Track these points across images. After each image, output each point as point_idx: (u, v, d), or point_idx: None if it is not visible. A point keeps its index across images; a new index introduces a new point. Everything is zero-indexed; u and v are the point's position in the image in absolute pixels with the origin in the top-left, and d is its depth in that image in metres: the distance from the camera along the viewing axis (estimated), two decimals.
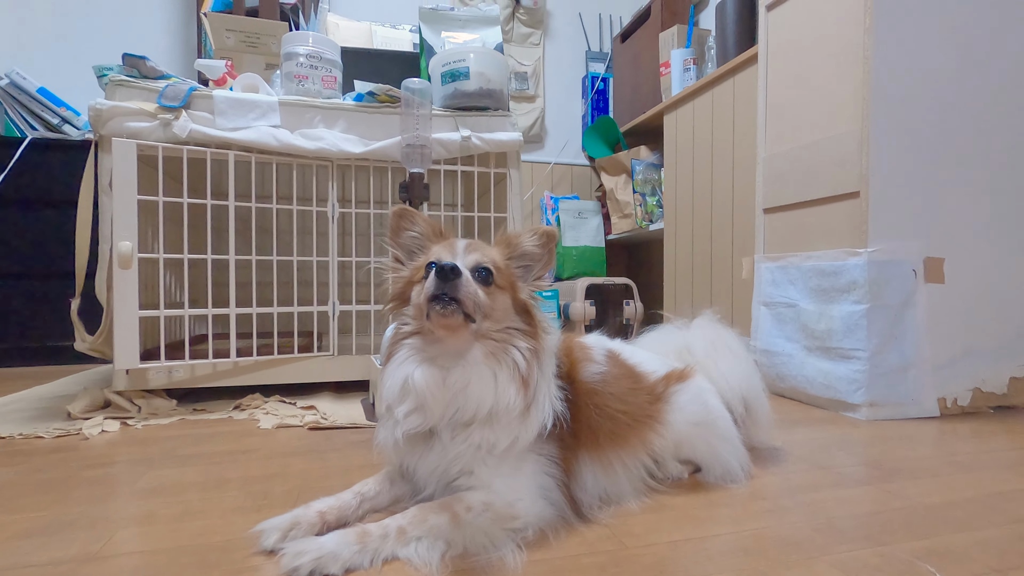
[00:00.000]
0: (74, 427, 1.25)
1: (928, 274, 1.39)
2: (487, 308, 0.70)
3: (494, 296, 0.72)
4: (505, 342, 0.72)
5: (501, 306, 0.72)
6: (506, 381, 0.70)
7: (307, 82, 1.60)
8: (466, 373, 0.69)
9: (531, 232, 0.78)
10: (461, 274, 0.67)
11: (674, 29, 2.62)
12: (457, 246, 0.75)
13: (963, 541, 0.71)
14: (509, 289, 0.74)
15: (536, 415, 0.71)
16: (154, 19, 2.81)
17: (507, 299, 0.73)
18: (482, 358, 0.70)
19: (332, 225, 1.60)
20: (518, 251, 0.77)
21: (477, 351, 0.70)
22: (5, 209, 2.19)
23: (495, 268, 0.73)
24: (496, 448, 0.69)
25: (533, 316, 0.75)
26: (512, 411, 0.69)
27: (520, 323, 0.74)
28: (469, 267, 0.71)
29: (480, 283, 0.70)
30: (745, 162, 2.00)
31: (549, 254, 0.78)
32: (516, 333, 0.73)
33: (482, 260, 0.72)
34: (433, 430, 0.71)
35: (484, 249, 0.75)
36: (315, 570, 0.60)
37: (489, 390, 0.69)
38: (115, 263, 1.34)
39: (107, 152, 1.36)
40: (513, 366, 0.70)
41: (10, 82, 2.37)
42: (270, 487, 0.90)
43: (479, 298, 0.69)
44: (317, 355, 1.59)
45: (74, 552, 0.68)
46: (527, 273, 0.78)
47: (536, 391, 0.71)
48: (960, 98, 1.42)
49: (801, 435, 1.22)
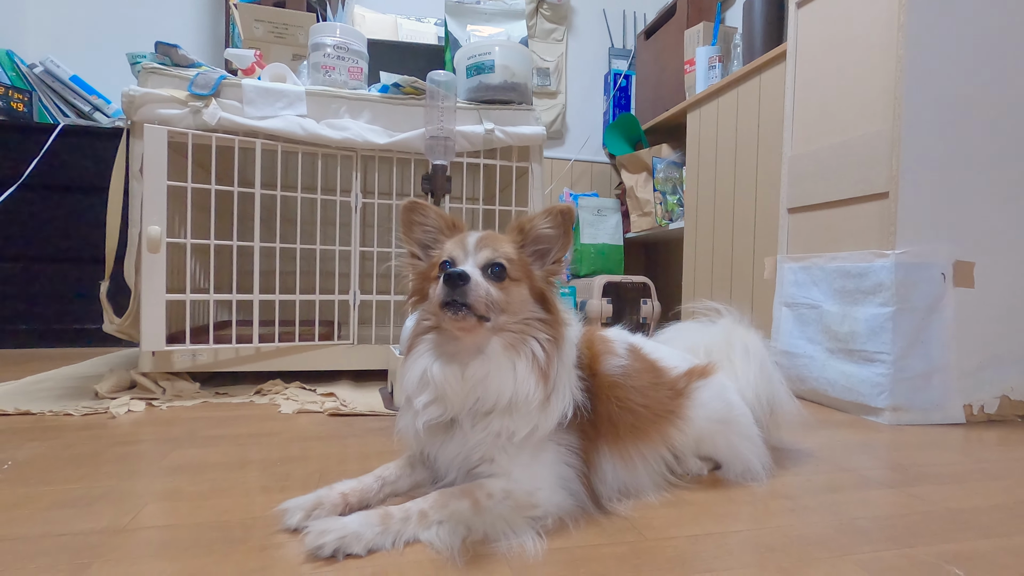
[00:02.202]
0: (101, 406, 1.28)
1: (957, 278, 1.36)
2: (502, 303, 0.70)
3: (509, 290, 0.71)
4: (523, 333, 0.71)
5: (517, 298, 0.72)
6: (525, 372, 0.70)
7: (334, 73, 1.61)
8: (485, 366, 0.69)
9: (545, 214, 0.75)
10: (469, 280, 0.67)
11: (700, 26, 2.59)
12: (468, 242, 0.74)
13: (990, 546, 0.70)
14: (525, 279, 0.73)
15: (556, 404, 0.71)
16: (184, 8, 2.85)
17: (523, 290, 0.73)
18: (501, 351, 0.70)
19: (355, 215, 1.61)
20: (532, 236, 0.75)
21: (495, 345, 0.70)
22: (37, 193, 2.25)
23: (508, 261, 0.72)
24: (516, 436, 0.69)
25: (551, 303, 0.74)
26: (532, 401, 0.69)
27: (539, 311, 0.73)
28: (481, 264, 0.71)
29: (493, 279, 0.70)
30: (769, 161, 1.98)
31: (565, 234, 0.75)
32: (535, 323, 0.72)
33: (494, 256, 0.71)
34: (454, 419, 0.72)
35: (496, 242, 0.74)
36: (338, 549, 0.61)
37: (508, 381, 0.69)
38: (144, 247, 1.36)
39: (138, 138, 1.39)
40: (532, 357, 0.70)
41: (44, 70, 2.43)
42: (291, 469, 0.92)
43: (492, 297, 0.69)
44: (337, 343, 1.61)
45: (105, 524, 0.70)
46: (544, 257, 0.76)
47: (556, 380, 0.71)
48: (993, 99, 1.39)
49: (822, 437, 1.20)
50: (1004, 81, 1.39)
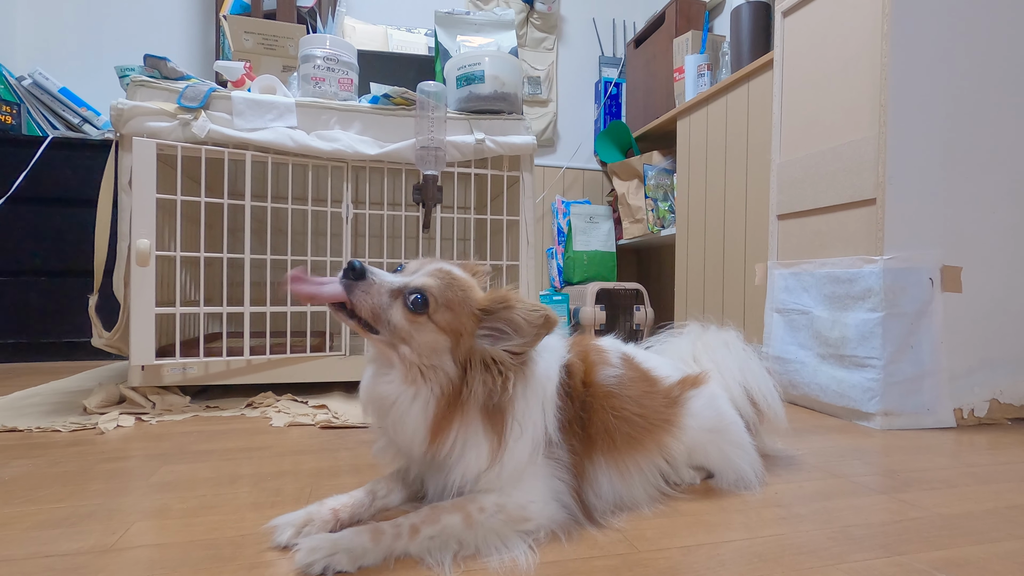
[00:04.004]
0: (90, 421, 1.27)
1: (945, 283, 1.38)
2: (403, 333, 0.66)
3: (420, 327, 0.66)
4: (422, 377, 0.67)
5: (425, 341, 0.66)
6: (418, 417, 0.67)
7: (324, 84, 1.61)
8: (388, 389, 0.68)
9: (532, 307, 0.67)
10: (364, 276, 0.65)
11: (688, 35, 2.62)
12: (428, 265, 0.71)
13: (982, 553, 0.70)
14: (450, 334, 0.67)
15: (519, 447, 0.69)
16: (174, 21, 2.85)
17: (442, 340, 0.67)
18: (400, 377, 0.68)
19: (346, 226, 1.61)
20: (503, 314, 0.68)
21: (397, 365, 0.68)
22: (26, 207, 2.23)
23: (437, 302, 0.66)
24: (481, 480, 0.69)
25: (467, 379, 0.66)
26: (439, 455, 0.67)
27: (454, 372, 0.67)
28: (411, 288, 0.67)
29: (411, 308, 0.66)
30: (759, 168, 2.00)
31: (535, 338, 0.67)
32: (441, 375, 0.67)
33: (427, 287, 0.67)
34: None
35: (449, 283, 0.68)
36: (328, 566, 0.60)
37: (409, 423, 0.67)
38: (133, 260, 1.35)
39: (127, 151, 1.38)
40: (425, 403, 0.67)
41: (33, 82, 2.42)
42: (282, 484, 0.91)
43: (389, 315, 0.66)
44: (329, 355, 1.60)
45: (92, 543, 0.69)
46: (501, 338, 0.68)
47: (519, 423, 0.68)
48: (978, 105, 1.41)
49: (814, 443, 1.21)
50: (988, 88, 1.41)
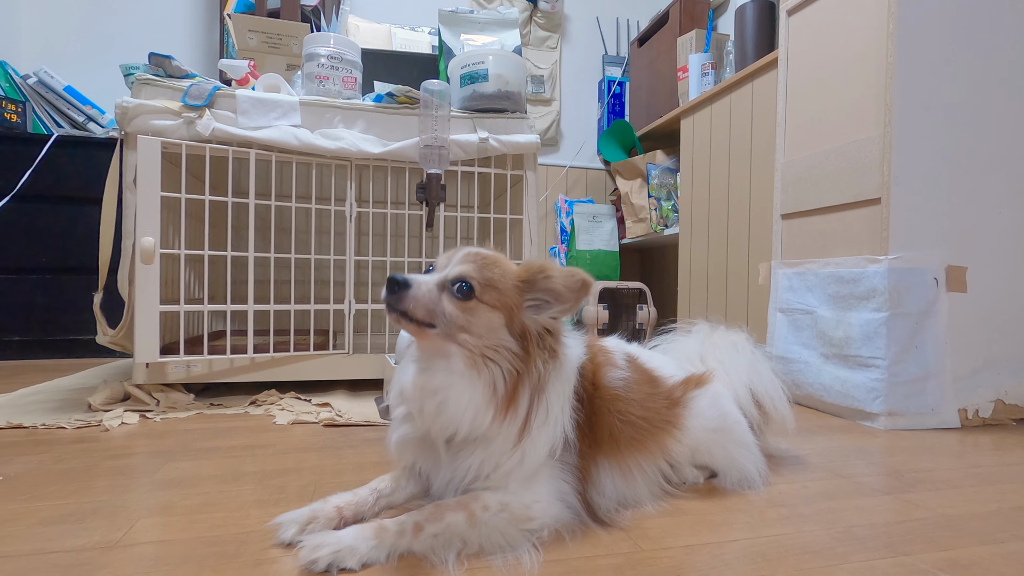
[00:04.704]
0: (95, 418, 1.27)
1: (950, 283, 1.37)
2: (461, 321, 0.67)
3: (475, 311, 0.68)
4: (486, 357, 0.68)
5: (483, 322, 0.68)
6: (484, 401, 0.67)
7: (328, 83, 1.61)
8: (444, 376, 0.68)
9: (569, 272, 0.70)
10: (410, 287, 0.67)
11: (692, 33, 2.61)
12: (456, 254, 0.73)
13: (987, 553, 0.70)
14: (502, 310, 0.69)
15: (542, 437, 0.69)
16: (178, 20, 2.86)
17: (495, 316, 0.68)
18: (462, 363, 0.68)
19: (349, 225, 1.61)
20: (540, 285, 0.71)
21: (456, 355, 0.68)
22: (31, 205, 2.24)
23: (481, 283, 0.68)
24: (499, 469, 0.69)
25: (530, 343, 0.69)
26: (494, 437, 0.68)
27: (512, 344, 0.69)
28: (451, 277, 0.69)
29: (459, 296, 0.68)
30: (763, 167, 1.99)
31: (575, 301, 0.70)
32: (503, 351, 0.68)
33: (466, 273, 0.69)
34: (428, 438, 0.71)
35: (482, 263, 0.71)
36: (332, 564, 0.60)
37: (466, 407, 0.67)
38: (137, 258, 1.36)
39: (132, 149, 1.39)
40: (492, 384, 0.68)
41: (38, 80, 2.42)
42: (286, 481, 0.91)
43: (442, 308, 0.67)
44: (333, 353, 1.60)
45: (96, 539, 0.69)
46: (542, 309, 0.71)
47: (543, 414, 0.69)
48: (984, 104, 1.40)
49: (818, 443, 1.20)
50: (994, 87, 1.41)
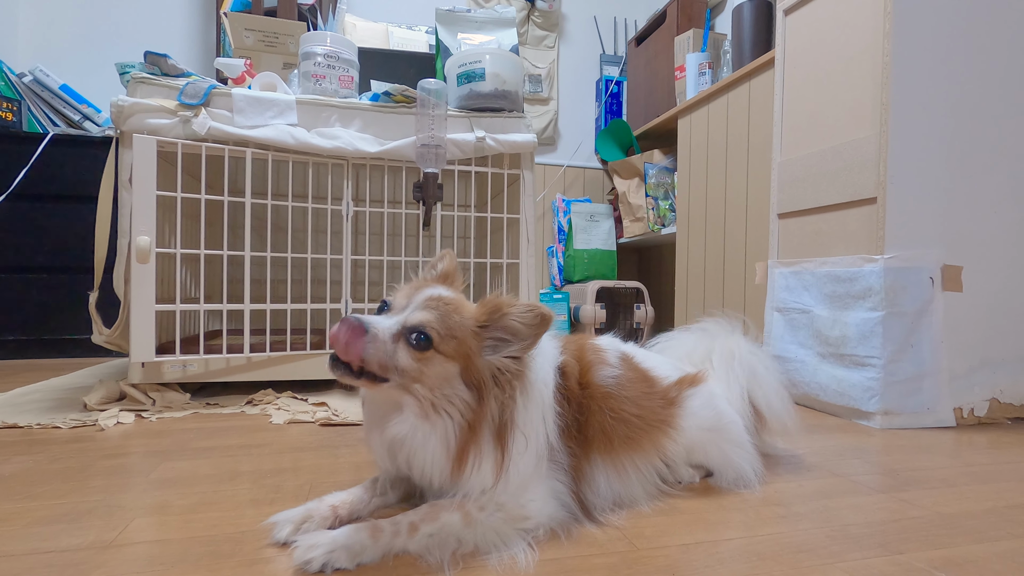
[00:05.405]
0: (90, 418, 1.27)
1: (946, 282, 1.37)
2: (414, 373, 0.64)
3: (430, 362, 0.65)
4: (440, 408, 0.66)
5: (437, 374, 0.65)
6: (441, 454, 0.66)
7: (324, 81, 1.61)
8: (400, 429, 0.67)
9: (526, 309, 0.67)
10: (366, 333, 0.63)
11: (689, 33, 2.61)
12: (419, 296, 0.68)
13: (982, 552, 0.70)
14: (459, 359, 0.66)
15: (524, 459, 0.69)
16: (175, 18, 2.85)
17: (449, 368, 0.66)
18: (414, 416, 0.66)
19: (346, 224, 1.61)
20: (500, 323, 0.68)
21: (408, 408, 0.66)
22: (26, 203, 2.23)
23: (442, 335, 0.65)
24: (486, 495, 0.68)
25: (485, 391, 0.66)
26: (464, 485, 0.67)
27: (468, 396, 0.66)
28: (409, 324, 0.65)
29: (413, 347, 0.64)
30: (759, 167, 1.99)
31: (534, 338, 0.67)
32: (457, 402, 0.66)
33: (427, 322, 0.65)
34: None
35: (445, 309, 0.67)
36: (327, 563, 0.60)
37: (428, 456, 0.66)
38: (133, 257, 1.35)
39: (127, 148, 1.38)
40: (444, 436, 0.65)
41: (33, 79, 2.41)
42: (282, 481, 0.91)
43: (397, 362, 0.64)
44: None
45: (91, 539, 0.69)
46: (501, 346, 0.68)
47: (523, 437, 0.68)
48: (980, 104, 1.41)
49: (814, 442, 1.21)
50: (990, 86, 1.41)
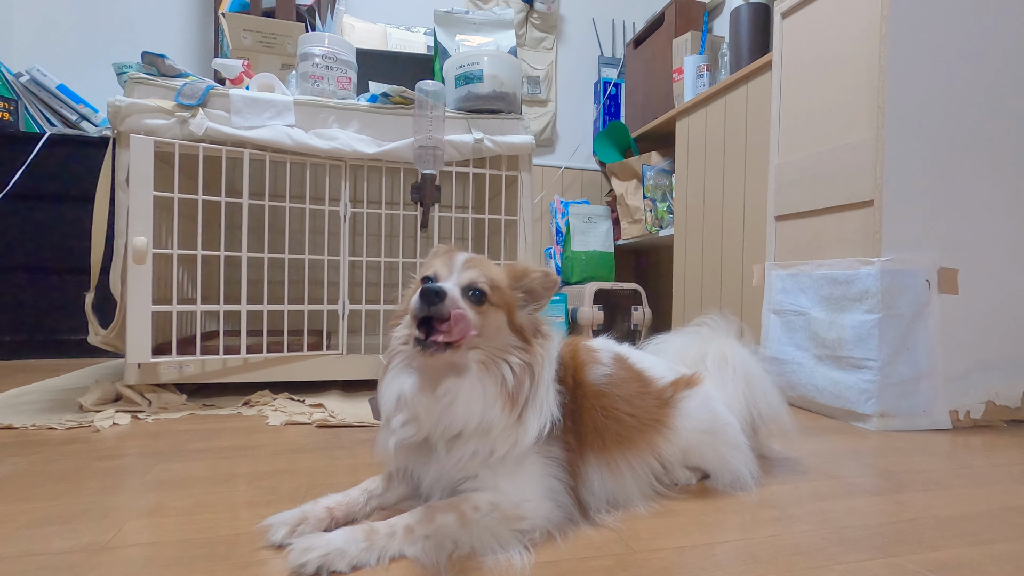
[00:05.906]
0: (86, 419, 1.26)
1: (942, 284, 1.38)
2: (477, 327, 0.69)
3: (487, 314, 0.71)
4: (496, 357, 0.71)
5: (493, 324, 0.71)
6: (494, 395, 0.69)
7: (322, 82, 1.61)
8: (457, 385, 0.69)
9: (542, 272, 0.76)
10: (446, 296, 0.66)
11: (687, 35, 2.62)
12: (456, 260, 0.73)
13: (976, 554, 0.71)
14: (505, 309, 0.73)
15: (532, 420, 0.71)
16: (172, 18, 2.84)
17: (501, 318, 0.72)
18: (474, 370, 0.70)
19: (344, 225, 1.61)
20: (526, 285, 0.76)
21: (470, 362, 0.70)
22: (23, 203, 2.22)
23: (491, 287, 0.71)
24: (495, 454, 0.69)
25: (528, 336, 0.74)
26: (499, 424, 0.69)
27: (515, 340, 0.73)
28: (463, 284, 0.70)
29: (473, 302, 0.70)
30: (757, 169, 2.00)
31: (547, 299, 0.77)
32: (510, 348, 0.72)
33: (477, 279, 0.71)
34: (428, 439, 0.71)
35: (484, 266, 0.74)
36: (322, 566, 0.60)
37: (476, 403, 0.69)
38: (130, 258, 1.35)
39: (124, 148, 1.38)
40: (501, 380, 0.70)
41: (31, 79, 2.41)
42: (278, 483, 0.91)
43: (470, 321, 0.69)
44: (326, 353, 1.60)
45: (85, 541, 0.69)
46: (523, 305, 0.76)
47: (534, 398, 0.71)
48: (976, 107, 1.41)
49: (811, 444, 1.21)
50: (986, 90, 1.42)
